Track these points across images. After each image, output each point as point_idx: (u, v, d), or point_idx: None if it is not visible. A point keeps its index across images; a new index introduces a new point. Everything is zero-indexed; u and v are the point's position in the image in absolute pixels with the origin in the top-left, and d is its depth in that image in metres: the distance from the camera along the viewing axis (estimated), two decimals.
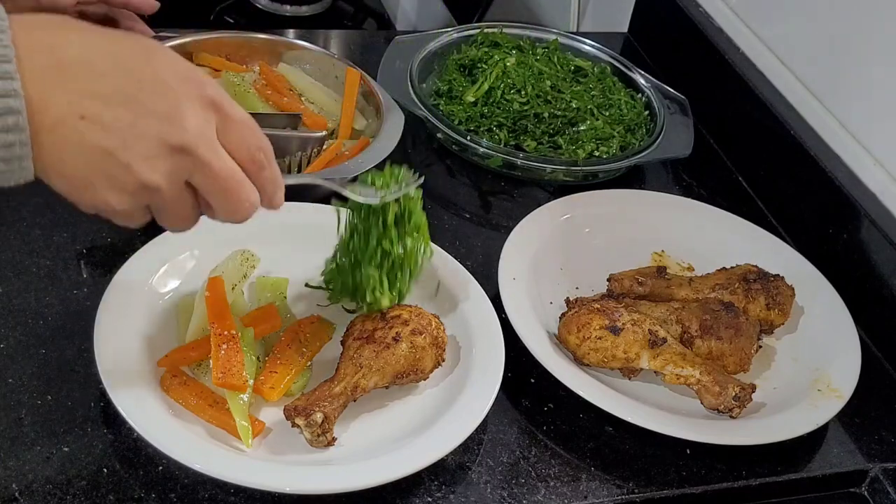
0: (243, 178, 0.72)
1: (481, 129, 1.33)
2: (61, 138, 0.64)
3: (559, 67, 1.42)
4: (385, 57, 1.37)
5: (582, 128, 1.34)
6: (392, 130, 1.24)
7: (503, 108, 1.34)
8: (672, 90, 1.44)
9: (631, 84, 1.45)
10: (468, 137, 1.29)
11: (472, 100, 1.35)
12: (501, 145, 1.32)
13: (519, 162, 1.29)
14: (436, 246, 1.13)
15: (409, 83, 1.34)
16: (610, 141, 1.34)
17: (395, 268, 1.00)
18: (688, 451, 1.01)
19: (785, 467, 1.02)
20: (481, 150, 1.29)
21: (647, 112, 1.41)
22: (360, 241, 0.99)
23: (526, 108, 1.34)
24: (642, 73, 1.46)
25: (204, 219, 0.77)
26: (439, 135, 1.33)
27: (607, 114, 1.37)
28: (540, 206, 1.22)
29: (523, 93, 1.35)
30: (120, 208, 0.68)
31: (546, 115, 1.33)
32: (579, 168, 1.30)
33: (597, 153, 1.32)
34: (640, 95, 1.43)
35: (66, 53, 0.64)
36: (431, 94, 1.39)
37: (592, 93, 1.39)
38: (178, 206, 0.70)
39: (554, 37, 1.49)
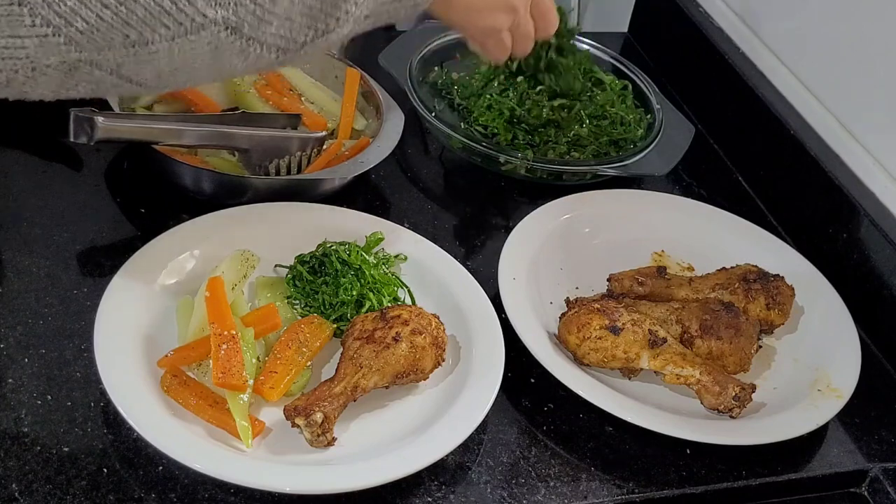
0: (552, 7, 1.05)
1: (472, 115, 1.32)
2: None
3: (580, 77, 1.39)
4: (394, 44, 1.38)
5: (563, 132, 1.31)
6: (392, 130, 1.24)
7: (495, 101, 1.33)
8: (683, 116, 1.40)
9: (645, 104, 1.41)
10: (434, 114, 1.30)
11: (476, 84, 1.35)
12: (471, 131, 1.30)
13: (477, 147, 1.27)
14: (436, 246, 1.13)
15: (408, 67, 1.34)
16: (586, 149, 1.31)
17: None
18: (688, 451, 1.01)
19: (785, 467, 1.02)
20: (444, 129, 1.28)
21: (642, 131, 1.37)
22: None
23: (511, 104, 1.32)
24: (659, 94, 1.42)
25: (203, 219, 0.84)
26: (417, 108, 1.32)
27: (595, 124, 1.34)
28: (540, 206, 1.22)
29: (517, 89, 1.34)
30: (501, 26, 0.99)
31: (530, 112, 1.32)
32: (531, 163, 1.26)
33: (567, 157, 1.30)
34: (648, 116, 1.40)
35: None
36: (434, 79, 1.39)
37: (597, 104, 1.36)
38: (527, 24, 1.02)
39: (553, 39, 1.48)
